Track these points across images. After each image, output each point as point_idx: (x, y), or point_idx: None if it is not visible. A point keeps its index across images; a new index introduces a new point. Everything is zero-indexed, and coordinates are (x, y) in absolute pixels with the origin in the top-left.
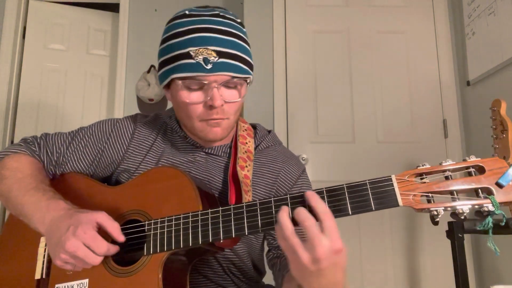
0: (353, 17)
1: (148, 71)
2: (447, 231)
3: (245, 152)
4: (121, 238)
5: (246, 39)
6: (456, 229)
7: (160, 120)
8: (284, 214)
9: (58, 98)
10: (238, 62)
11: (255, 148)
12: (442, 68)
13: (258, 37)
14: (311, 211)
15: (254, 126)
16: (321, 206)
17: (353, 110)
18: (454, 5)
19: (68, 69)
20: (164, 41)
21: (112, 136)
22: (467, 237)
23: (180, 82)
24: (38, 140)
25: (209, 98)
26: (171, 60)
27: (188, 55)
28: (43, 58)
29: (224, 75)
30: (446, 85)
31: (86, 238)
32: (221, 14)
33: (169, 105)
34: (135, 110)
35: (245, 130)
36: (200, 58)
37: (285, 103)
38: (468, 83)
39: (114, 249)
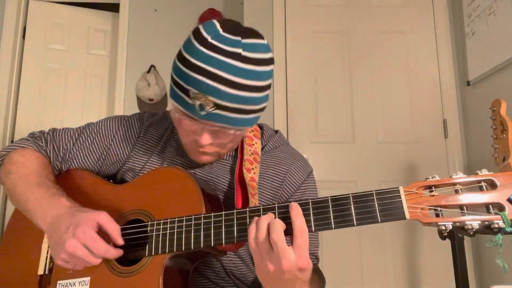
0: (353, 17)
1: (148, 71)
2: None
3: (252, 154)
4: (119, 241)
5: (263, 84)
6: (456, 229)
7: (168, 119)
8: (265, 219)
9: (58, 98)
10: (238, 114)
11: (262, 149)
12: (442, 68)
13: None
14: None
15: (260, 127)
16: (299, 221)
17: (353, 110)
18: (454, 5)
19: (68, 69)
20: (178, 56)
21: (118, 134)
22: (467, 237)
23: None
24: (45, 135)
25: (197, 134)
26: (174, 83)
27: (187, 93)
28: (43, 58)
29: (216, 125)
30: (446, 85)
31: (85, 239)
32: (242, 54)
33: (170, 104)
34: (135, 110)
35: (252, 131)
36: (196, 103)
37: (285, 103)
38: (468, 83)
39: (113, 252)
